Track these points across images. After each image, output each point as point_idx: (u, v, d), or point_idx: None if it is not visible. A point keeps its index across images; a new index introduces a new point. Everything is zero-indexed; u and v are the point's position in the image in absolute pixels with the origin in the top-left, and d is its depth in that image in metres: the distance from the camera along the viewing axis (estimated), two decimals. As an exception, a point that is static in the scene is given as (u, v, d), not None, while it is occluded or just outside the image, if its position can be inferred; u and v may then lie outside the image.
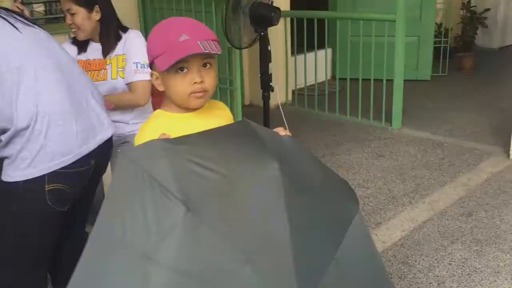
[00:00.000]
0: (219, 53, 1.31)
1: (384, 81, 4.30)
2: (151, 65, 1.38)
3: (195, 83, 1.33)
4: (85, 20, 2.24)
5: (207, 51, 1.29)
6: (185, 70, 1.33)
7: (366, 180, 3.46)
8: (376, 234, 2.79)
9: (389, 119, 4.42)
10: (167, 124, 1.36)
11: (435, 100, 5.20)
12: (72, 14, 2.23)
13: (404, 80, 4.33)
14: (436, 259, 2.55)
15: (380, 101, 4.41)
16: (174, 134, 1.26)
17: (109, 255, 1.13)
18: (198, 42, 1.30)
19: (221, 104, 1.54)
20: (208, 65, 1.36)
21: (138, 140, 1.35)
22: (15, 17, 1.65)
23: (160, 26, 1.37)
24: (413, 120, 4.58)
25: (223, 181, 1.16)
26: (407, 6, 4.10)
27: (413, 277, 2.42)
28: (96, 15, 2.26)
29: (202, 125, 1.32)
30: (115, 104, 2.25)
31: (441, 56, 5.94)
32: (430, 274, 2.44)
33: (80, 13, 2.22)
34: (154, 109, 2.13)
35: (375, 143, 4.11)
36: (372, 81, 4.36)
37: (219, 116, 1.46)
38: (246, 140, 1.28)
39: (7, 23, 1.59)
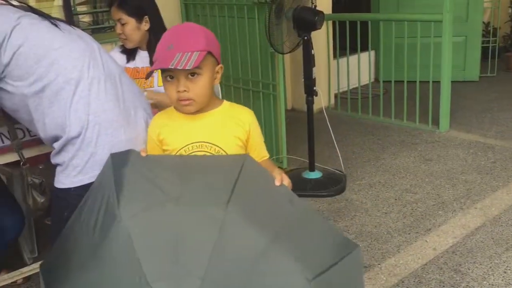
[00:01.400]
0: (188, 68, 1.35)
1: (431, 83, 4.20)
2: None
3: (178, 91, 1.42)
4: (134, 30, 2.30)
5: (172, 67, 1.35)
6: (174, 78, 1.42)
7: (414, 185, 3.37)
8: (426, 241, 2.71)
9: (436, 122, 4.30)
10: (167, 120, 1.53)
11: (483, 101, 5.03)
12: (123, 24, 2.28)
13: (451, 81, 4.22)
14: (490, 267, 2.45)
15: (426, 103, 4.30)
16: (169, 130, 1.50)
17: (72, 236, 1.37)
18: (177, 53, 1.37)
19: (243, 113, 1.54)
20: (195, 74, 1.42)
21: (149, 127, 1.58)
22: (71, 28, 1.69)
23: (164, 33, 1.49)
24: (461, 122, 4.45)
25: (169, 204, 1.23)
26: (453, 5, 3.99)
27: (467, 285, 2.34)
28: (145, 26, 2.31)
29: (205, 127, 1.47)
30: (154, 101, 2.26)
31: (489, 56, 5.76)
32: (485, 282, 2.35)
33: (130, 23, 2.28)
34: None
35: (422, 147, 4.01)
36: (417, 83, 4.26)
37: (231, 121, 1.50)
38: (221, 175, 1.33)
39: (61, 31, 1.63)
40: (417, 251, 2.63)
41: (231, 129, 1.50)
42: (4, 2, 1.63)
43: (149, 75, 1.47)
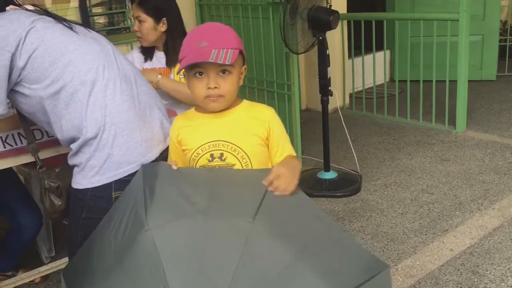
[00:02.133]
0: (227, 63, 1.37)
1: (447, 82, 4.16)
2: None
3: (209, 88, 1.42)
4: (151, 30, 2.32)
5: (212, 61, 1.36)
6: (203, 74, 1.43)
7: (430, 186, 3.34)
8: (443, 242, 2.68)
9: (452, 122, 4.26)
10: (187, 121, 1.55)
11: (501, 101, 4.97)
12: (140, 22, 2.31)
13: (468, 81, 4.17)
14: (508, 269, 2.42)
15: (442, 103, 4.26)
16: (187, 130, 1.51)
17: (99, 243, 1.38)
18: (213, 50, 1.37)
19: (262, 110, 1.54)
20: (226, 72, 1.43)
21: (170, 130, 1.60)
22: (86, 30, 1.70)
23: (191, 31, 1.50)
24: (478, 122, 4.40)
25: (196, 216, 1.23)
26: (470, 4, 3.94)
27: (484, 287, 2.31)
28: (162, 27, 2.33)
29: (222, 126, 1.47)
30: (171, 88, 2.27)
31: (507, 55, 5.70)
32: (503, 284, 2.32)
33: (148, 22, 2.31)
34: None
35: (438, 147, 3.97)
36: (434, 82, 4.22)
37: (250, 118, 1.50)
38: (249, 189, 1.33)
39: (76, 34, 1.64)
40: (434, 252, 2.60)
41: (249, 127, 1.49)
42: (18, 7, 1.65)
43: (180, 70, 1.48)
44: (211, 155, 1.48)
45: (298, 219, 1.31)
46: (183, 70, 1.48)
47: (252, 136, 1.49)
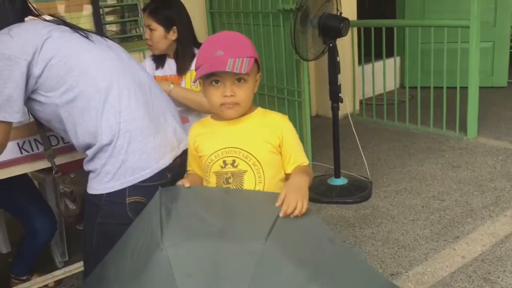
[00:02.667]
0: (243, 72, 1.40)
1: (458, 89, 4.15)
2: None
3: (225, 96, 1.44)
4: (161, 38, 2.36)
5: (229, 70, 1.39)
6: (219, 83, 1.46)
7: (441, 192, 3.33)
8: (455, 249, 2.68)
9: (463, 128, 4.25)
10: (203, 129, 1.59)
11: (512, 108, 4.96)
12: (151, 30, 2.35)
13: (479, 87, 4.17)
14: (521, 276, 2.42)
15: (453, 109, 4.25)
16: (203, 137, 1.55)
17: (115, 262, 1.41)
18: (229, 59, 1.40)
19: (276, 118, 1.56)
20: (242, 80, 1.46)
21: (188, 137, 1.63)
22: (102, 38, 1.74)
23: (206, 40, 1.52)
24: (489, 129, 4.38)
25: (211, 236, 1.26)
26: (480, 10, 3.95)
27: (496, 294, 2.30)
28: (172, 35, 2.37)
29: (235, 133, 1.49)
30: (183, 96, 2.30)
31: (518, 61, 5.67)
32: (515, 291, 2.31)
33: (158, 30, 2.35)
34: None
35: (449, 154, 3.96)
36: (444, 88, 4.22)
37: (263, 125, 1.52)
38: (263, 210, 1.35)
39: (92, 42, 1.68)
40: (445, 259, 2.60)
41: (261, 134, 1.51)
42: (36, 18, 1.69)
43: (196, 79, 1.50)
44: (224, 162, 1.50)
45: (311, 242, 1.32)
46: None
47: (264, 143, 1.50)
